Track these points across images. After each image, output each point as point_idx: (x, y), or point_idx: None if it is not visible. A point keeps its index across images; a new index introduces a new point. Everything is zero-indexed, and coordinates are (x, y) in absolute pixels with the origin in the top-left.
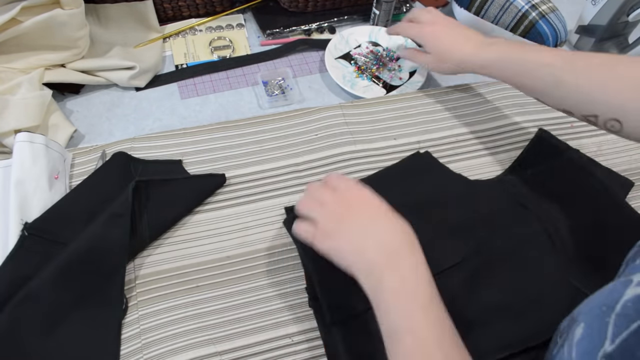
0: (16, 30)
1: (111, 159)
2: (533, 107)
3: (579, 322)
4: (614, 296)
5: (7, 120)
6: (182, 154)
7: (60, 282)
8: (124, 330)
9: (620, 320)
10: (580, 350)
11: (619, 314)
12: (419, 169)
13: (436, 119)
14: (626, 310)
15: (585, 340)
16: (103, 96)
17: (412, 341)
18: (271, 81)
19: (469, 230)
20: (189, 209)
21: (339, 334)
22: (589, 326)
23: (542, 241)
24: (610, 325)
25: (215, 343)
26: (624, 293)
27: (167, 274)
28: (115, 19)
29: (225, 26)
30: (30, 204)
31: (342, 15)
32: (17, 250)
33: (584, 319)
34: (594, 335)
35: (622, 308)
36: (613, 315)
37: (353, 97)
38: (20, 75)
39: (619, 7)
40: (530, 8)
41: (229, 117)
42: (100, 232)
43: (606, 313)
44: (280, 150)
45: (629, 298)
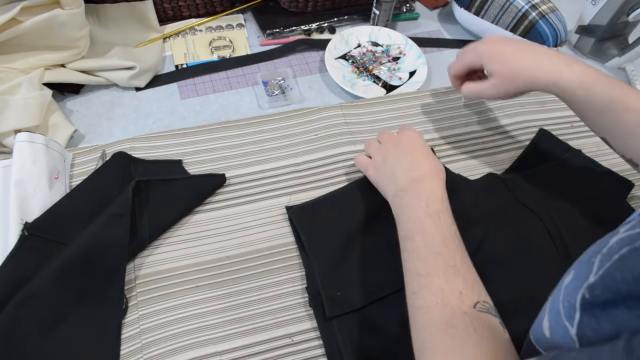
0: (16, 30)
1: (111, 159)
2: (533, 107)
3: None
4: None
5: (7, 120)
6: (182, 154)
7: (60, 282)
8: (124, 330)
9: (604, 257)
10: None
11: (604, 253)
12: None
13: (436, 119)
14: (611, 250)
15: (573, 282)
16: (103, 96)
17: (421, 239)
18: (271, 81)
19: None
20: (189, 209)
21: (338, 329)
22: (577, 270)
23: (543, 241)
24: (596, 263)
25: (215, 343)
26: (610, 240)
27: (167, 274)
28: (115, 19)
29: (225, 26)
30: (30, 204)
31: (342, 15)
32: (17, 250)
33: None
34: (580, 275)
35: (608, 249)
36: (599, 256)
37: (353, 97)
38: (20, 75)
39: (619, 7)
40: (530, 8)
41: (229, 117)
42: (100, 232)
43: (592, 256)
44: (280, 150)
45: (615, 241)
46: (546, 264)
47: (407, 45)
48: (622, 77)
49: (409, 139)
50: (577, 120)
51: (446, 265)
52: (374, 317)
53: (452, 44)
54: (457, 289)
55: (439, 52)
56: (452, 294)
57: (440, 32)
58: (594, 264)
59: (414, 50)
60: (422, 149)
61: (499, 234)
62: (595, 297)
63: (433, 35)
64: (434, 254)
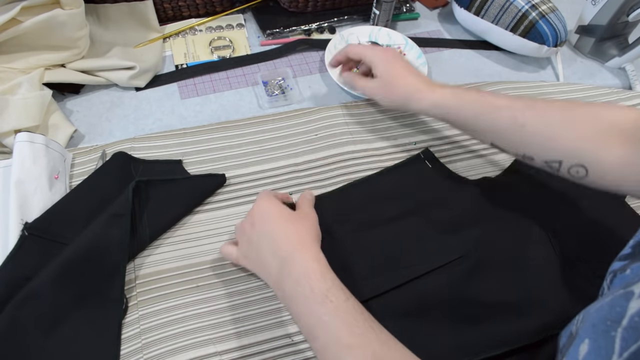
0: (16, 30)
1: (111, 159)
2: None
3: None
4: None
5: (7, 120)
6: (182, 154)
7: (60, 282)
8: (124, 330)
9: (628, 333)
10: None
11: (626, 328)
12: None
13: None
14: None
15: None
16: (103, 96)
17: (324, 334)
18: (271, 81)
19: (469, 229)
20: (189, 209)
21: None
22: (594, 341)
23: (542, 241)
24: (618, 339)
25: (215, 343)
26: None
27: (167, 274)
28: (115, 19)
29: (225, 26)
30: (30, 204)
31: (342, 15)
32: (17, 250)
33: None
34: (600, 351)
35: (629, 322)
36: (620, 330)
37: (353, 97)
38: (20, 75)
39: (619, 7)
40: (530, 8)
41: (229, 117)
42: (100, 232)
43: (612, 327)
44: (280, 150)
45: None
46: (544, 264)
47: (407, 45)
48: (622, 77)
49: (260, 215)
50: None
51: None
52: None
53: (452, 44)
54: None
55: (439, 52)
56: None
57: (440, 32)
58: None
59: (414, 50)
60: (278, 220)
61: (497, 235)
62: None
63: (433, 35)
64: (347, 347)
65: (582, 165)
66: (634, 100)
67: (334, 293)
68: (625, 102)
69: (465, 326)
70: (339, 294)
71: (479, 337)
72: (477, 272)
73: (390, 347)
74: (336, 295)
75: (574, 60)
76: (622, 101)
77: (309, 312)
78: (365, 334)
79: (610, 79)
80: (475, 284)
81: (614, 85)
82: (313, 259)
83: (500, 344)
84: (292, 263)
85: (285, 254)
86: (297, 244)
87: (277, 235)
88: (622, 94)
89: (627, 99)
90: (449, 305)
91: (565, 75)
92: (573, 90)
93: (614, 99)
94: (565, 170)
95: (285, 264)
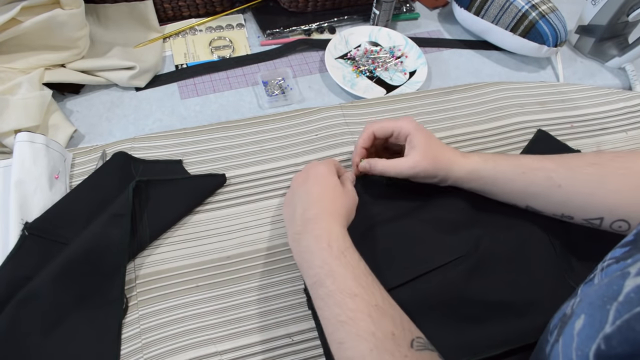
0: (16, 30)
1: (111, 159)
2: (533, 107)
3: (578, 314)
4: (614, 288)
5: (7, 120)
6: (182, 154)
7: (61, 282)
8: (124, 330)
9: (622, 306)
10: (580, 338)
11: (622, 302)
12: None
13: (436, 119)
14: (629, 299)
15: (586, 328)
16: (103, 96)
17: (332, 282)
18: (271, 81)
19: (469, 229)
20: (189, 209)
21: None
22: (589, 316)
23: (541, 241)
24: (612, 311)
25: (215, 343)
26: (624, 284)
27: (167, 274)
28: (115, 19)
29: (225, 26)
30: (31, 204)
31: (342, 15)
32: (17, 250)
33: (584, 311)
34: (594, 323)
35: (625, 297)
36: (615, 304)
37: (353, 97)
38: (20, 75)
39: (619, 7)
40: (530, 8)
41: (229, 117)
42: (100, 232)
43: (607, 302)
44: (280, 150)
45: (631, 289)
46: (544, 264)
47: (407, 46)
48: (622, 77)
49: (314, 175)
50: (577, 120)
51: (368, 306)
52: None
53: (452, 44)
54: (389, 330)
55: (439, 52)
56: (385, 337)
57: (440, 32)
58: (609, 311)
59: (414, 50)
60: (324, 185)
61: (497, 235)
62: (611, 349)
63: (433, 35)
64: (351, 295)
65: (623, 220)
66: (634, 101)
67: (350, 252)
68: (625, 102)
69: (465, 326)
70: (354, 255)
71: (479, 336)
72: (477, 272)
73: (391, 304)
74: (352, 254)
75: (574, 60)
76: (622, 101)
77: (322, 262)
78: (370, 287)
79: (610, 79)
80: (476, 283)
81: (614, 85)
82: (337, 224)
83: (501, 344)
84: (318, 222)
85: (315, 214)
86: (329, 211)
87: (317, 197)
88: (622, 94)
89: (627, 99)
90: (449, 305)
91: (565, 75)
92: (573, 91)
93: (614, 99)
94: (607, 225)
95: (311, 221)
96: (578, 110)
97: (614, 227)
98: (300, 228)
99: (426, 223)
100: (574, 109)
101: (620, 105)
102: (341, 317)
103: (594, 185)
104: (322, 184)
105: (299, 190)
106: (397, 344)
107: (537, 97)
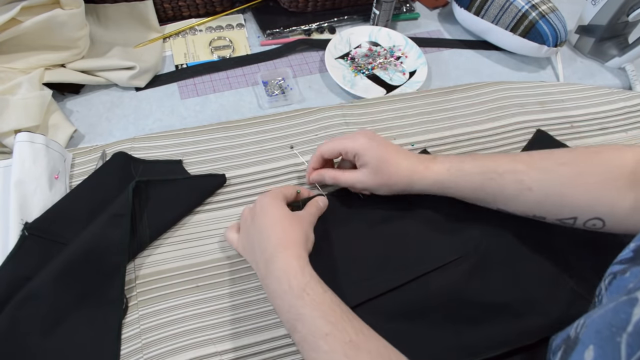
0: (16, 30)
1: (111, 159)
2: (533, 107)
3: (586, 344)
4: (622, 317)
5: (7, 120)
6: (182, 154)
7: (61, 282)
8: (124, 330)
9: (633, 339)
10: None
11: (631, 334)
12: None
13: (436, 119)
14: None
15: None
16: (103, 96)
17: (302, 326)
18: (271, 81)
19: (468, 230)
20: (189, 209)
21: None
22: (600, 347)
23: (540, 242)
24: (623, 345)
25: (215, 343)
26: (632, 313)
27: (167, 274)
28: (115, 19)
29: (225, 26)
30: (31, 204)
31: (342, 15)
32: (17, 250)
33: (593, 341)
34: (607, 357)
35: (634, 328)
36: (625, 335)
37: (353, 97)
38: (20, 75)
39: (619, 7)
40: (530, 8)
41: (229, 117)
42: (100, 232)
43: (616, 333)
44: (280, 150)
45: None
46: (542, 265)
47: (407, 45)
48: (622, 77)
49: (260, 209)
50: (577, 120)
51: (342, 344)
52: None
53: (452, 44)
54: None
55: (439, 52)
56: None
57: (440, 32)
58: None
59: (414, 50)
60: (272, 217)
61: (496, 235)
62: None
63: (433, 35)
64: (323, 336)
65: (597, 218)
66: (634, 101)
67: (311, 287)
68: (625, 102)
69: (464, 327)
70: (317, 288)
71: (478, 337)
72: (477, 272)
73: (365, 335)
74: (314, 289)
75: (574, 60)
76: (622, 101)
77: (289, 306)
78: (340, 322)
79: (610, 79)
80: (475, 284)
81: (614, 85)
82: (294, 257)
83: (500, 345)
84: (275, 261)
85: (271, 252)
86: (283, 244)
87: (268, 234)
88: (622, 94)
89: (627, 99)
90: (448, 306)
91: (565, 75)
92: (573, 90)
93: (614, 98)
94: (580, 224)
95: (269, 261)
96: (578, 110)
97: (587, 226)
98: (264, 272)
99: (424, 224)
100: (574, 108)
101: (620, 105)
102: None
103: (565, 185)
104: (270, 216)
105: (251, 229)
106: None
107: (537, 97)
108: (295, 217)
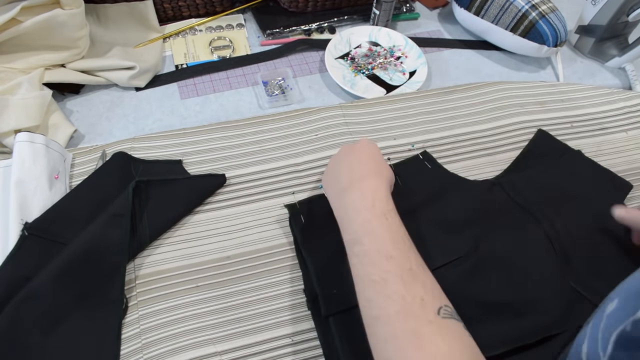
0: (16, 30)
1: (111, 159)
2: (533, 107)
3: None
4: None
5: (7, 120)
6: (182, 154)
7: (61, 282)
8: (124, 330)
9: None
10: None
11: None
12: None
13: (436, 119)
14: None
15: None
16: (103, 96)
17: (370, 242)
18: (271, 81)
19: (468, 230)
20: (189, 209)
21: (335, 326)
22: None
23: (541, 242)
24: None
25: (215, 343)
26: None
27: (167, 274)
28: (115, 19)
29: (225, 26)
30: (30, 204)
31: (342, 15)
32: (17, 250)
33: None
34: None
35: None
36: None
37: (353, 97)
38: (20, 75)
39: (619, 7)
40: (530, 8)
41: (229, 117)
42: (100, 232)
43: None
44: (280, 150)
45: None
46: (544, 265)
47: (407, 45)
48: (622, 77)
49: (360, 146)
50: (577, 120)
51: (402, 269)
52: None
53: (452, 44)
54: (418, 295)
55: (439, 52)
56: (413, 301)
57: (440, 32)
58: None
59: (414, 50)
60: (370, 153)
61: (496, 235)
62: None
63: (433, 35)
64: (387, 257)
65: None
66: (634, 100)
67: (392, 215)
68: (625, 102)
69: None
70: (396, 218)
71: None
72: (477, 272)
73: (424, 270)
74: (393, 218)
75: (574, 60)
76: (622, 101)
77: (364, 220)
78: (407, 252)
79: (610, 79)
80: (475, 284)
81: (614, 85)
82: (384, 185)
83: (500, 344)
84: (365, 181)
85: (362, 173)
86: (377, 172)
87: (366, 161)
88: (622, 94)
89: (627, 99)
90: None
91: (565, 75)
92: (573, 90)
93: (614, 98)
94: None
95: (358, 179)
96: (578, 110)
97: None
98: (347, 185)
99: (425, 224)
100: (574, 108)
101: (620, 105)
102: (373, 277)
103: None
104: (369, 152)
105: (345, 159)
106: (424, 309)
107: (537, 97)
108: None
